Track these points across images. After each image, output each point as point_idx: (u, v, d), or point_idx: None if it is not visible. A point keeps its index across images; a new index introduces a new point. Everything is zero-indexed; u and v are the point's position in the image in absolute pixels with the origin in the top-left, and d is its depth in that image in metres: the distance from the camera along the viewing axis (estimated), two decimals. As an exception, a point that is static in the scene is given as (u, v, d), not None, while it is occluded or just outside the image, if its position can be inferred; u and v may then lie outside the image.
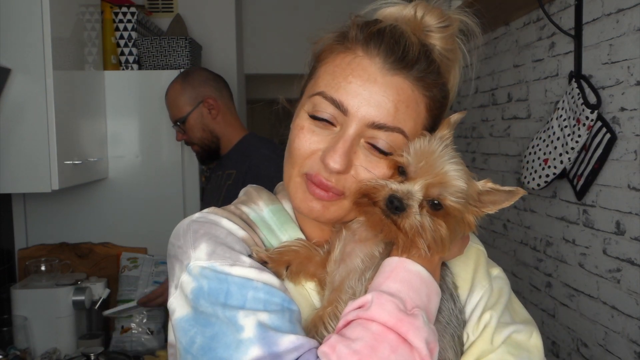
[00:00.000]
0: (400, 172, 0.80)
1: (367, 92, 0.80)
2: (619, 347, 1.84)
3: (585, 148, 1.95)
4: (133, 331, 2.39)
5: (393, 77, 0.80)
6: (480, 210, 0.80)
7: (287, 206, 0.93)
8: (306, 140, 0.83)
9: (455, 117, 0.87)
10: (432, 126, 0.86)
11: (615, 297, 1.85)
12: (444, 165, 0.77)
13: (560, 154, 2.02)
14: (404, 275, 0.76)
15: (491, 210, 0.80)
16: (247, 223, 0.88)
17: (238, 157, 2.08)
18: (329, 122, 0.82)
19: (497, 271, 0.95)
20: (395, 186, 0.77)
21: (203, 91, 2.11)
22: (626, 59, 1.77)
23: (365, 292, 0.77)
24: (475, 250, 0.94)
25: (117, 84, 2.60)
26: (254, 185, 1.01)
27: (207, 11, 3.66)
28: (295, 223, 0.90)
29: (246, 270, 0.77)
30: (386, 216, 0.77)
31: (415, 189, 0.76)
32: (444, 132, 0.83)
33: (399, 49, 0.81)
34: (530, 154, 2.23)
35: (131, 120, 2.64)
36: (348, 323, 0.74)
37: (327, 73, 0.83)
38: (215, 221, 0.85)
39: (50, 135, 1.93)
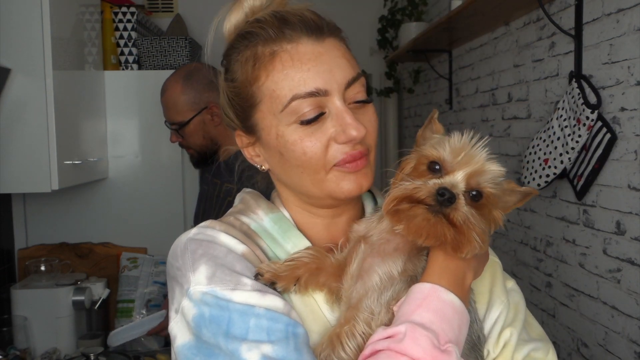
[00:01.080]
0: (432, 169, 0.78)
1: (325, 65, 0.81)
2: (619, 347, 1.84)
3: (585, 148, 1.95)
4: (133, 331, 2.40)
5: (325, 41, 0.84)
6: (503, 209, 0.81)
7: (286, 213, 0.91)
8: (311, 143, 0.82)
9: (436, 115, 0.89)
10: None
11: (616, 297, 1.85)
12: (481, 156, 0.77)
13: (561, 154, 2.02)
14: (437, 305, 0.73)
15: (506, 210, 0.81)
16: (248, 234, 0.86)
17: (239, 171, 2.00)
18: (320, 115, 0.82)
19: (511, 284, 0.94)
20: (438, 180, 0.75)
21: (207, 96, 1.96)
22: (626, 59, 1.77)
23: (385, 312, 0.76)
24: (491, 262, 0.92)
25: (117, 84, 2.60)
26: (249, 190, 0.98)
27: (207, 11, 3.62)
28: (297, 230, 0.88)
29: (247, 294, 0.75)
30: (434, 213, 0.73)
31: (458, 179, 0.75)
32: (439, 129, 0.86)
33: (306, 20, 0.84)
34: (530, 154, 2.23)
35: (131, 120, 2.64)
36: (375, 352, 0.71)
37: (281, 80, 0.81)
38: (213, 237, 0.82)
39: (50, 135, 1.93)
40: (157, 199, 2.62)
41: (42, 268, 2.36)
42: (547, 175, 2.10)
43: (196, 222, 2.16)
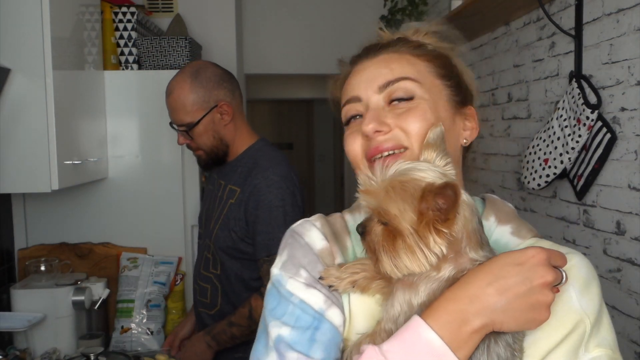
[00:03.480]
0: None
1: (365, 76, 0.92)
2: (619, 347, 1.83)
3: (585, 148, 1.95)
4: (133, 331, 2.39)
5: (377, 57, 0.93)
6: (440, 220, 0.72)
7: None
8: (350, 141, 0.92)
9: (430, 136, 0.84)
10: (445, 74, 0.93)
11: (616, 297, 1.85)
12: (379, 180, 0.77)
13: (561, 154, 2.02)
14: (409, 337, 0.73)
15: (452, 214, 0.73)
16: (338, 232, 0.94)
17: (243, 173, 1.91)
18: (358, 117, 0.92)
19: (599, 353, 0.81)
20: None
21: (217, 94, 1.90)
22: (626, 59, 1.77)
23: None
24: (577, 320, 0.80)
25: (117, 84, 2.60)
26: None
27: (207, 11, 3.66)
28: None
29: (296, 285, 0.86)
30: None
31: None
32: (427, 156, 0.82)
33: (374, 43, 0.96)
34: (530, 154, 2.23)
35: (131, 120, 2.64)
36: None
37: (342, 94, 0.98)
38: (304, 231, 0.92)
39: (50, 135, 1.93)
40: (157, 199, 2.62)
41: (42, 268, 2.36)
42: (547, 175, 2.10)
43: (200, 222, 2.13)
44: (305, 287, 0.86)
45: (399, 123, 0.87)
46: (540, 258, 0.74)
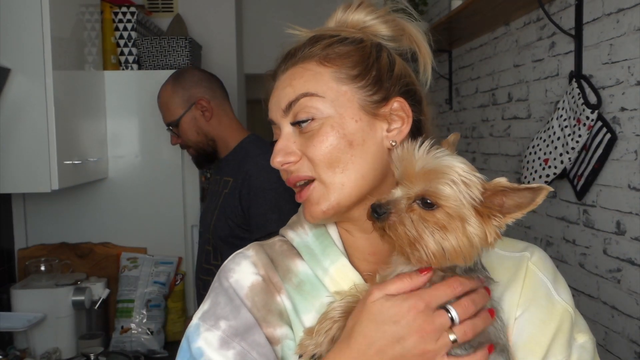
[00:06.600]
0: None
1: (275, 97, 0.86)
2: (619, 347, 1.84)
3: (585, 148, 1.95)
4: (133, 331, 2.39)
5: (286, 72, 0.86)
6: (500, 216, 0.72)
7: (332, 229, 0.90)
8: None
9: (452, 138, 0.82)
10: (358, 73, 0.83)
11: (616, 297, 1.85)
12: (427, 161, 0.73)
13: (561, 154, 2.02)
14: None
15: (517, 215, 0.73)
16: (276, 258, 0.89)
17: (235, 163, 2.01)
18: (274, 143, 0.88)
19: (583, 339, 0.82)
20: (384, 196, 0.75)
21: (195, 92, 2.03)
22: (626, 59, 1.77)
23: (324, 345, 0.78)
24: (563, 310, 0.82)
25: (117, 84, 2.60)
26: None
27: (207, 11, 3.66)
28: (337, 247, 0.87)
29: (210, 338, 0.81)
30: (377, 228, 0.74)
31: (397, 192, 0.73)
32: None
33: (285, 54, 0.89)
34: (530, 154, 2.23)
35: (131, 120, 2.64)
36: None
37: None
38: (234, 266, 0.88)
39: (50, 135, 1.93)
40: (157, 199, 2.62)
41: (42, 268, 2.36)
42: (547, 175, 2.10)
43: (201, 221, 2.17)
44: (219, 344, 0.80)
45: (305, 150, 0.82)
46: (417, 310, 0.72)
